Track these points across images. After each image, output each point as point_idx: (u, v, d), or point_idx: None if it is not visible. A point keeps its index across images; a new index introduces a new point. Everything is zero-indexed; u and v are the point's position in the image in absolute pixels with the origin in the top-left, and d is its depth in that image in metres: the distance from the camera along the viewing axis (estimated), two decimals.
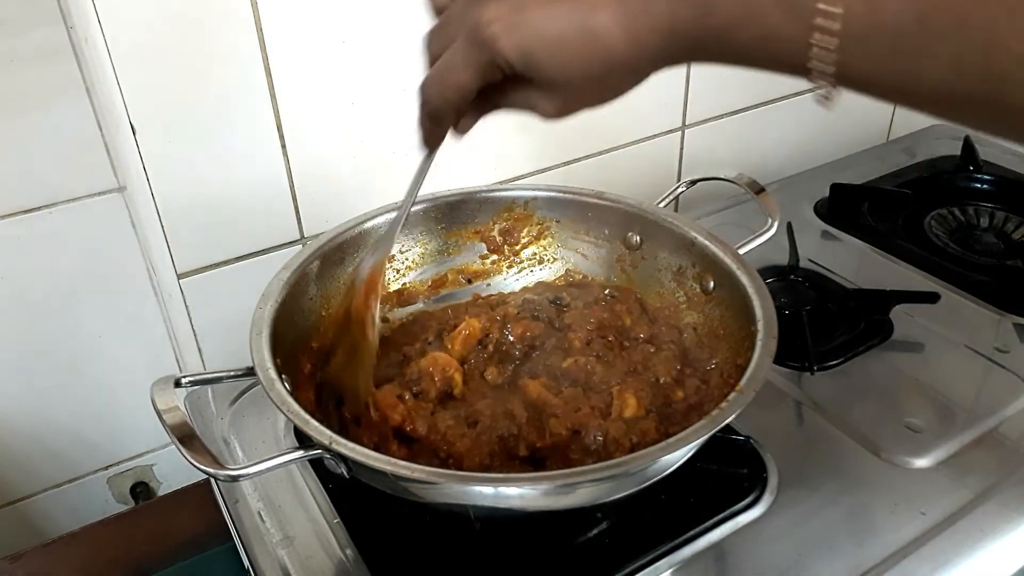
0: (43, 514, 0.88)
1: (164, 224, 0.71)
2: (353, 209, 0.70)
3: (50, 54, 0.68)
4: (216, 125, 0.70)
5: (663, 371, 0.63)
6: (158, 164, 0.69)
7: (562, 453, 0.56)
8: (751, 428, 0.66)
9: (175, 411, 0.50)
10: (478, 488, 0.49)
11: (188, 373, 0.57)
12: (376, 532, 0.59)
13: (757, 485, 0.62)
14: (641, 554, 0.57)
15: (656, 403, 0.60)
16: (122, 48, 0.63)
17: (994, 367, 0.74)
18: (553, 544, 0.58)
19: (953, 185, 1.05)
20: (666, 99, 0.98)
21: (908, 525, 0.59)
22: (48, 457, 0.86)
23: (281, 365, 0.55)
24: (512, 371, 0.65)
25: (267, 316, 0.58)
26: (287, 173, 0.76)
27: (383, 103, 0.77)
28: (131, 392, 0.84)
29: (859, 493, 0.62)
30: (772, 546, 0.58)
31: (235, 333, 0.60)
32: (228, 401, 0.73)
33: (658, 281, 0.71)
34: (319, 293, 0.66)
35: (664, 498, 0.60)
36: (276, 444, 0.68)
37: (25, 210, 0.74)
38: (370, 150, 0.79)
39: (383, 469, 0.47)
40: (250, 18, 0.68)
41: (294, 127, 0.74)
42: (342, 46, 0.73)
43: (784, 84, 1.05)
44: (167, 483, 0.94)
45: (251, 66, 0.69)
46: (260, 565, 0.58)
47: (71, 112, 0.71)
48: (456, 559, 0.57)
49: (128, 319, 0.82)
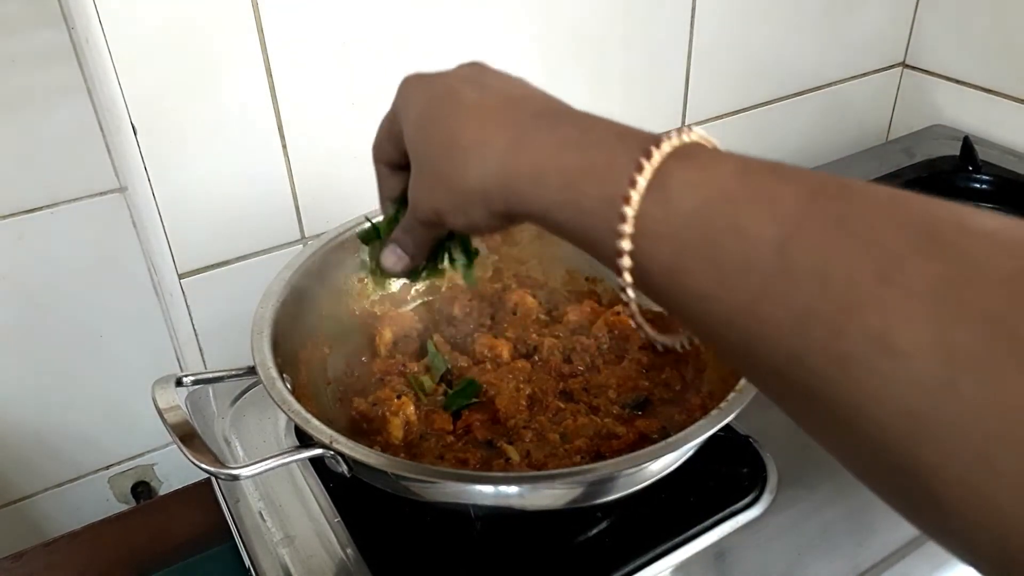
0: (44, 514, 0.88)
1: (165, 224, 0.71)
2: (354, 209, 0.70)
3: (51, 55, 0.69)
4: (217, 125, 0.70)
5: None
6: (159, 164, 0.69)
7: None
8: (751, 427, 0.66)
9: (176, 410, 0.51)
10: (478, 487, 0.49)
11: (189, 372, 0.57)
12: (377, 532, 0.59)
13: (757, 484, 0.62)
14: (641, 553, 0.57)
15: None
16: (123, 49, 0.63)
17: None
18: (553, 543, 0.58)
19: (952, 185, 1.05)
20: (665, 99, 0.98)
21: (907, 524, 0.59)
22: (49, 457, 0.86)
23: (282, 364, 0.55)
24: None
25: (268, 316, 0.58)
26: (288, 173, 0.76)
27: (383, 104, 0.77)
28: (132, 391, 0.84)
29: (858, 492, 0.61)
30: (772, 545, 0.58)
31: (236, 332, 0.60)
32: (229, 400, 0.73)
33: None
34: (320, 292, 0.66)
35: (664, 497, 0.60)
36: (277, 443, 0.68)
37: (26, 210, 0.74)
38: (370, 151, 0.79)
39: (384, 468, 0.47)
40: (251, 19, 0.68)
41: (295, 128, 0.74)
42: (342, 47, 0.73)
43: (783, 84, 1.05)
44: (168, 482, 0.94)
45: (252, 66, 0.70)
46: (261, 564, 0.58)
47: (72, 113, 0.71)
48: (456, 558, 0.57)
49: (129, 319, 0.83)
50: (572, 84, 0.87)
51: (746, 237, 0.27)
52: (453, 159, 0.37)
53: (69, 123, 0.72)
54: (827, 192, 0.27)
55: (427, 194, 0.40)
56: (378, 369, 0.66)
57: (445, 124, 0.38)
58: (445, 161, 0.38)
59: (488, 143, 0.36)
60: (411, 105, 0.41)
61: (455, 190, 0.38)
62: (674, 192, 0.29)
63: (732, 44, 0.98)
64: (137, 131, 0.67)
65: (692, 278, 0.29)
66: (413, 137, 0.41)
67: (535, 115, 0.37)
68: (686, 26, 0.93)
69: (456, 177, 0.37)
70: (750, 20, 0.97)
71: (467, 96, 0.39)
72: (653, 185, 0.30)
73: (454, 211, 0.39)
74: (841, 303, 0.24)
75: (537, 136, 0.35)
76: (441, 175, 0.38)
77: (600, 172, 0.32)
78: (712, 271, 0.28)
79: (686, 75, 0.98)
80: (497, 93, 0.39)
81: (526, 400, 0.62)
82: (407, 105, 0.42)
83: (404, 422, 0.60)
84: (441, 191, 0.39)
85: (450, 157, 0.38)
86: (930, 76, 1.15)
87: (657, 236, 0.30)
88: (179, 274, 0.74)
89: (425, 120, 0.40)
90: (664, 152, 0.30)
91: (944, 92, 1.13)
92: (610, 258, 0.31)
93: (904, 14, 1.13)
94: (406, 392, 0.63)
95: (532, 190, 0.34)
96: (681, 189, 0.29)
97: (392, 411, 0.60)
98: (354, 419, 0.61)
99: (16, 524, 0.87)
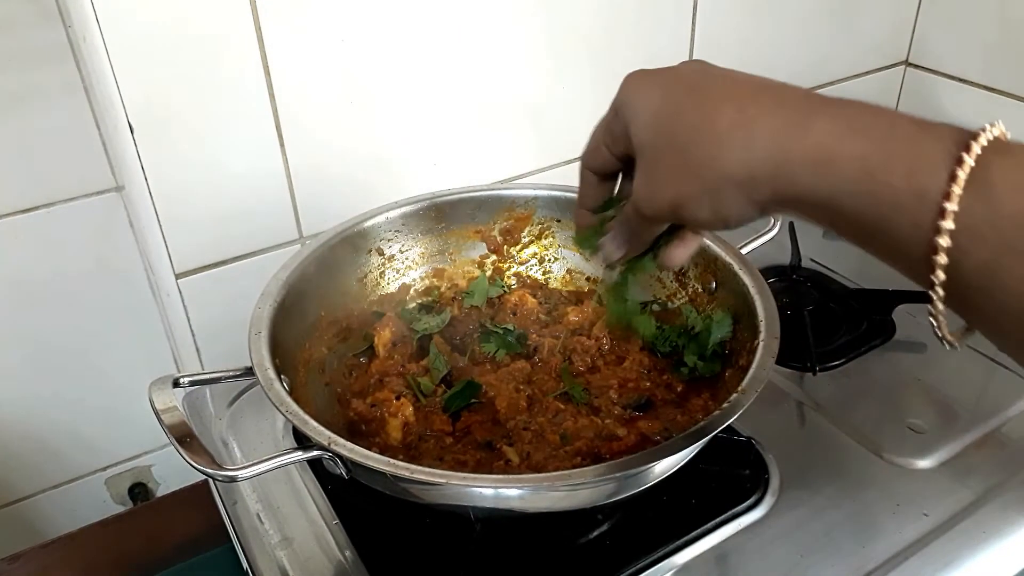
0: (41, 515, 0.88)
1: (162, 223, 0.71)
2: (352, 208, 0.69)
3: (48, 53, 0.68)
4: (214, 124, 0.70)
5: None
6: (156, 163, 0.68)
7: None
8: (753, 429, 0.65)
9: (173, 411, 0.50)
10: (478, 489, 0.48)
11: (186, 373, 0.57)
12: (375, 534, 0.59)
13: (759, 486, 0.62)
14: (642, 555, 0.57)
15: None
16: (120, 47, 0.63)
17: (997, 368, 0.74)
18: (554, 545, 0.58)
19: None
20: None
21: (910, 526, 0.59)
22: (46, 458, 0.85)
23: (280, 365, 0.55)
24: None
25: (266, 316, 0.58)
26: (286, 172, 0.75)
27: (382, 102, 0.77)
28: (129, 392, 0.84)
29: (861, 494, 0.62)
30: (774, 547, 0.58)
31: (234, 333, 0.59)
32: (227, 401, 0.73)
33: (660, 281, 0.71)
34: (318, 293, 0.65)
35: (665, 499, 0.60)
36: (275, 445, 0.68)
37: (23, 209, 0.73)
38: (369, 149, 0.78)
39: (382, 470, 0.46)
40: (249, 17, 0.67)
41: (293, 126, 0.73)
42: (341, 45, 0.72)
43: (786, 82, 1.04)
44: (165, 484, 0.94)
45: (250, 64, 0.69)
46: (259, 566, 0.58)
47: (69, 111, 0.71)
48: (456, 561, 0.57)
49: (126, 319, 0.82)
50: (575, 82, 0.86)
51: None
52: (706, 145, 0.35)
53: (66, 122, 0.71)
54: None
55: (666, 187, 0.38)
56: (377, 370, 0.65)
57: (694, 111, 0.36)
58: (696, 148, 0.36)
59: (753, 126, 0.34)
60: (643, 98, 0.39)
61: (708, 178, 0.35)
62: (999, 189, 0.28)
63: (734, 42, 0.97)
64: (134, 130, 0.66)
65: (1016, 278, 0.28)
66: (650, 130, 0.38)
67: (804, 100, 0.35)
68: (688, 23, 0.92)
69: (710, 164, 0.35)
70: (753, 17, 0.97)
71: (713, 83, 0.37)
72: (974, 181, 0.29)
73: (699, 202, 0.36)
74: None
75: (818, 119, 0.33)
76: (689, 164, 0.36)
77: (907, 162, 0.30)
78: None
79: None
80: (746, 79, 0.38)
81: (526, 401, 0.62)
82: (637, 100, 0.39)
83: (403, 423, 0.60)
84: (688, 181, 0.36)
85: (703, 143, 0.35)
86: (933, 74, 1.14)
87: (978, 234, 0.29)
88: (176, 274, 0.74)
89: (667, 110, 0.37)
90: (983, 144, 0.29)
91: (947, 90, 1.13)
92: (915, 254, 0.30)
93: (907, 12, 1.12)
94: (405, 393, 0.62)
95: (814, 176, 0.32)
96: (1007, 187, 0.29)
97: (391, 412, 0.60)
98: (352, 420, 0.61)
99: (13, 525, 0.86)
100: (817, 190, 0.32)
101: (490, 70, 0.81)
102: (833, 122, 0.33)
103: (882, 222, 0.31)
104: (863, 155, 0.31)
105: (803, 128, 0.33)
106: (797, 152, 0.33)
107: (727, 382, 0.60)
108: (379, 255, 0.71)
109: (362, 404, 0.61)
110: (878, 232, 0.32)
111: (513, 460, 0.57)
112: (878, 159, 0.31)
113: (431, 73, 0.77)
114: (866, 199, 0.31)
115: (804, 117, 0.33)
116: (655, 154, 0.38)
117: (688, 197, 0.37)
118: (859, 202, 0.31)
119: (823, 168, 0.32)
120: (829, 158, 0.32)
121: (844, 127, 0.32)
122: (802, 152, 0.33)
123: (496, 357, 0.67)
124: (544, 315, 0.72)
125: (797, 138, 0.33)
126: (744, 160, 0.34)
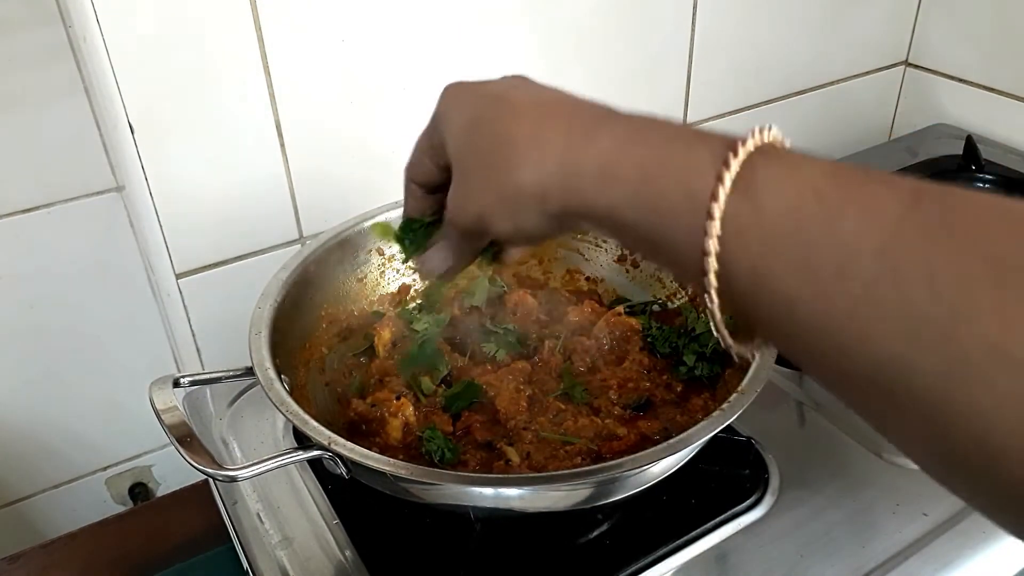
0: (41, 515, 0.88)
1: (162, 224, 0.71)
2: (352, 208, 0.69)
3: (49, 53, 0.68)
4: (215, 124, 0.70)
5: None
6: (156, 163, 0.68)
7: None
8: (752, 429, 0.65)
9: (173, 411, 0.50)
10: (478, 489, 0.48)
11: (187, 373, 0.57)
12: (375, 533, 0.59)
13: (758, 486, 0.62)
14: (642, 555, 0.57)
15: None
16: (120, 47, 0.63)
17: None
18: (554, 545, 0.58)
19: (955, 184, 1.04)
20: (667, 97, 0.98)
21: (910, 526, 0.59)
22: (46, 457, 0.85)
23: (280, 365, 0.55)
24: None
25: (266, 316, 0.58)
26: (286, 172, 0.75)
27: (382, 102, 0.77)
28: (129, 392, 0.84)
29: (861, 494, 0.62)
30: (774, 547, 0.58)
31: (234, 333, 0.60)
32: (227, 401, 0.73)
33: (660, 281, 0.71)
34: (318, 292, 0.65)
35: (665, 499, 0.60)
36: (275, 445, 0.68)
37: (23, 210, 0.73)
38: (369, 149, 0.78)
39: (382, 470, 0.46)
40: (249, 16, 0.67)
41: (293, 126, 0.73)
42: (341, 45, 0.72)
43: (786, 82, 1.04)
44: (165, 484, 0.94)
45: (250, 65, 0.69)
46: (259, 566, 0.58)
47: (69, 111, 0.71)
48: (456, 561, 0.57)
49: (126, 319, 0.82)
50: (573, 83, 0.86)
51: (843, 241, 0.26)
52: (505, 158, 0.35)
53: (66, 122, 0.71)
54: (929, 195, 0.26)
55: (472, 199, 0.38)
56: (377, 370, 0.65)
57: (497, 124, 0.36)
58: (496, 160, 0.36)
59: (546, 139, 0.34)
60: (456, 110, 0.39)
61: (505, 191, 0.36)
62: (762, 191, 0.28)
63: (734, 41, 0.97)
64: (134, 130, 0.66)
65: (781, 282, 0.27)
66: (459, 142, 0.38)
67: (595, 115, 0.35)
68: (688, 23, 0.92)
69: (508, 176, 0.35)
70: (752, 17, 0.97)
71: (519, 97, 0.37)
72: (740, 182, 0.29)
73: (500, 215, 0.36)
74: (952, 308, 0.23)
75: (603, 131, 0.33)
76: (490, 176, 0.36)
77: (679, 167, 0.30)
78: (804, 275, 0.27)
79: (688, 73, 0.97)
80: (551, 95, 0.38)
81: (526, 401, 0.62)
82: (451, 111, 0.40)
83: (403, 423, 0.60)
84: (489, 194, 0.36)
85: (502, 156, 0.35)
86: (933, 75, 1.15)
87: (745, 237, 0.28)
88: (176, 274, 0.74)
89: (474, 123, 0.38)
90: (749, 149, 0.29)
91: (947, 91, 1.13)
92: (690, 260, 0.30)
93: (907, 12, 1.12)
94: (405, 393, 0.62)
95: (597, 187, 0.32)
96: (770, 188, 0.28)
97: (391, 412, 0.60)
98: (353, 420, 0.61)
99: (13, 525, 0.86)
100: (599, 200, 0.33)
101: (489, 70, 0.81)
102: (616, 133, 0.33)
103: (660, 228, 0.31)
104: (641, 162, 0.32)
105: (589, 140, 0.33)
106: (583, 164, 0.33)
107: (727, 382, 0.60)
108: (379, 255, 0.71)
109: (362, 404, 0.61)
110: (659, 240, 0.32)
111: (513, 460, 0.57)
112: (654, 165, 0.31)
113: (431, 73, 0.77)
114: (644, 207, 0.31)
115: (591, 129, 0.34)
116: (464, 166, 0.39)
117: (491, 209, 0.37)
118: (638, 211, 0.32)
119: (606, 178, 0.32)
120: (611, 168, 0.32)
121: (625, 138, 0.33)
122: (587, 164, 0.33)
123: (496, 357, 0.67)
124: (544, 315, 0.72)
125: (583, 149, 0.33)
126: (536, 174, 0.34)
